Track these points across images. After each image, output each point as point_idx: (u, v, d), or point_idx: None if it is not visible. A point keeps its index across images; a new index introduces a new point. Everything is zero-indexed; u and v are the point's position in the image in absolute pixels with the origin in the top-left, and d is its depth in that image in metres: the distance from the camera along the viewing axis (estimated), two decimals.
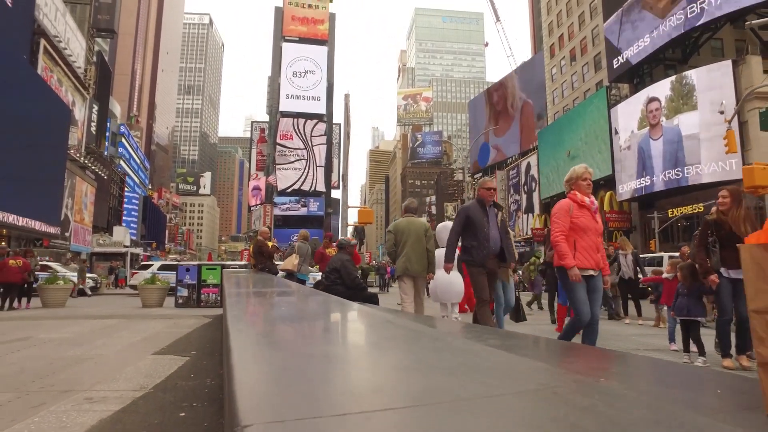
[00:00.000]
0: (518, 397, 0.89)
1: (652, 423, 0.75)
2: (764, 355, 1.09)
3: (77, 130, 37.35)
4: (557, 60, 51.80)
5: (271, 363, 1.23)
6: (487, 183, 5.40)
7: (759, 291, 1.07)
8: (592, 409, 0.80)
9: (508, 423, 0.77)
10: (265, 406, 0.79)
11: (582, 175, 4.13)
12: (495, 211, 5.29)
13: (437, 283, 9.08)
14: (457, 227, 5.21)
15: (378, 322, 2.37)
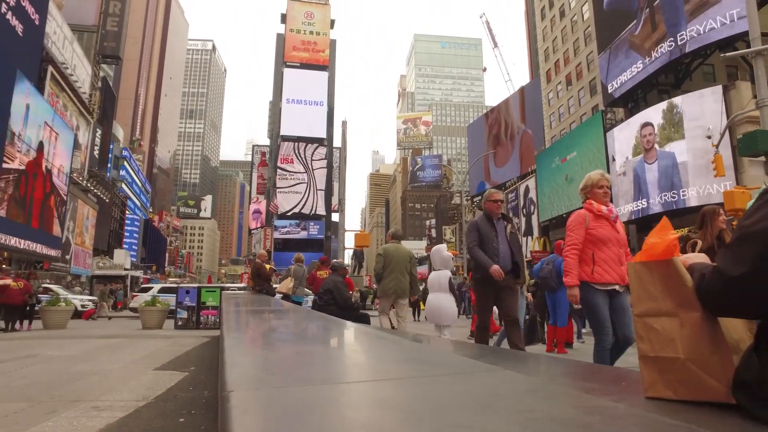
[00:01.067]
0: (439, 377, 1.24)
1: (532, 392, 0.99)
2: (643, 349, 1.32)
3: (80, 153, 37.89)
4: (554, 85, 52.73)
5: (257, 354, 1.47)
6: (494, 195, 5.20)
7: (639, 299, 1.34)
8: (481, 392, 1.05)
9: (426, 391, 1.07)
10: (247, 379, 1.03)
11: (598, 183, 3.85)
12: (504, 224, 5.11)
13: (431, 305, 9.30)
14: (474, 239, 4.98)
15: (355, 331, 2.65)
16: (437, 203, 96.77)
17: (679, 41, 27.04)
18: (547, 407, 0.89)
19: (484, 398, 0.96)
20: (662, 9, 28.58)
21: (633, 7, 31.86)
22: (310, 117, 55.07)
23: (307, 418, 0.81)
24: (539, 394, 1.01)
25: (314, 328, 2.92)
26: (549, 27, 54.79)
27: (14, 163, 21.33)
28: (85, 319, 17.00)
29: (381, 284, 6.95)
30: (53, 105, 29.11)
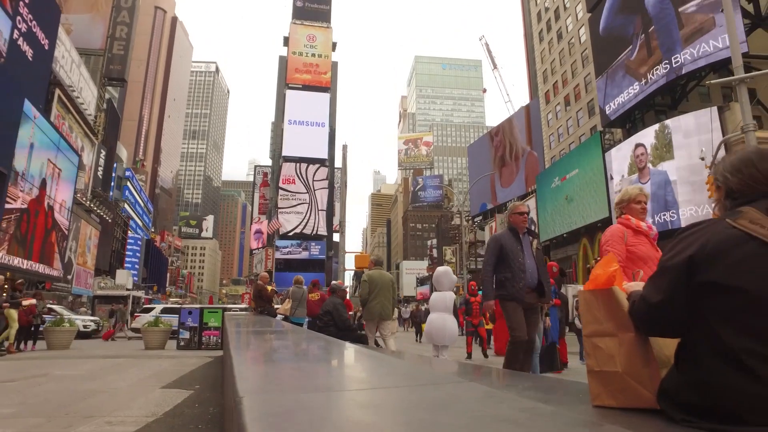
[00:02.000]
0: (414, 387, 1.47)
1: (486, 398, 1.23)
2: (590, 365, 1.56)
3: (85, 174, 38.35)
4: (552, 106, 53.41)
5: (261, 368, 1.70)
6: (519, 207, 4.93)
7: (587, 322, 1.59)
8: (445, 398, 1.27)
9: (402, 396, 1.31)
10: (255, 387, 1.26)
11: (636, 197, 3.61)
12: (530, 239, 4.84)
13: (434, 325, 9.53)
14: (490, 258, 4.73)
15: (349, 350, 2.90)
16: (438, 223, 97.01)
17: (674, 64, 27.60)
18: (491, 409, 1.12)
19: (446, 402, 1.20)
20: (657, 35, 29.22)
21: (628, 33, 32.55)
22: (311, 138, 55.69)
23: (306, 415, 1.02)
24: (491, 399, 1.24)
25: (313, 347, 3.15)
26: (547, 49, 55.73)
27: (17, 203, 21.20)
28: (105, 340, 17.15)
29: (367, 307, 7.37)
30: (59, 127, 29.57)
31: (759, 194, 1.40)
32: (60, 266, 29.02)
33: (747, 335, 1.22)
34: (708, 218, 1.50)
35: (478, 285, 5.19)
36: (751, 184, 1.43)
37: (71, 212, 30.51)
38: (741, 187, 1.45)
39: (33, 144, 22.18)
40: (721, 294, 1.28)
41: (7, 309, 10.82)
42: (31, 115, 21.36)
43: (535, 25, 60.13)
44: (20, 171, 21.24)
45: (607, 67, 34.93)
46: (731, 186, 1.49)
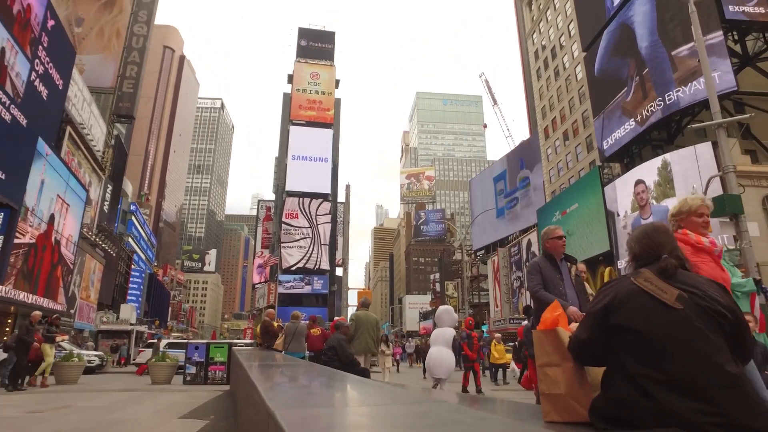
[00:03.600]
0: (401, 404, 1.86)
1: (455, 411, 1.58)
2: (542, 389, 2.01)
3: (91, 209, 38.92)
4: (552, 141, 54.31)
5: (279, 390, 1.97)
6: (556, 231, 4.62)
7: (539, 355, 2.06)
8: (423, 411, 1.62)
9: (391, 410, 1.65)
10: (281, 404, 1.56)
11: (697, 210, 3.23)
12: (568, 266, 4.54)
13: (433, 357, 9.72)
14: (537, 281, 4.34)
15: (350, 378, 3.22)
16: (441, 257, 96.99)
17: (667, 101, 28.34)
18: (454, 417, 1.43)
19: (423, 413, 1.56)
20: (651, 76, 30.10)
21: (623, 75, 33.49)
22: (314, 173, 56.52)
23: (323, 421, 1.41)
24: (457, 412, 1.54)
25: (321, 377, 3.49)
26: (545, 86, 57.08)
27: (25, 238, 21.55)
28: (139, 375, 17.22)
29: (353, 344, 8.20)
30: (69, 162, 30.29)
31: (653, 258, 1.92)
32: (64, 300, 29.18)
33: (641, 364, 1.68)
34: (621, 276, 2.02)
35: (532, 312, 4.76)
36: (648, 251, 1.97)
37: (77, 247, 30.88)
38: (641, 252, 1.99)
39: (44, 180, 22.74)
40: (625, 333, 1.76)
41: (42, 344, 10.99)
42: (43, 153, 21.99)
43: (532, 62, 61.76)
44: (30, 207, 21.73)
45: (603, 107, 35.79)
46: (635, 252, 2.02)
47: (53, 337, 11.49)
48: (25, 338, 10.50)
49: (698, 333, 1.66)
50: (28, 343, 10.56)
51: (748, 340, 1.83)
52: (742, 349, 1.78)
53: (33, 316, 11.14)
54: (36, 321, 11.09)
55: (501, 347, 16.33)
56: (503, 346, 16.75)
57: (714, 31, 26.24)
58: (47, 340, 11.17)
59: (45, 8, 22.03)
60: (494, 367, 16.64)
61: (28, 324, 10.84)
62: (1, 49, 18.13)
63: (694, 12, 12.83)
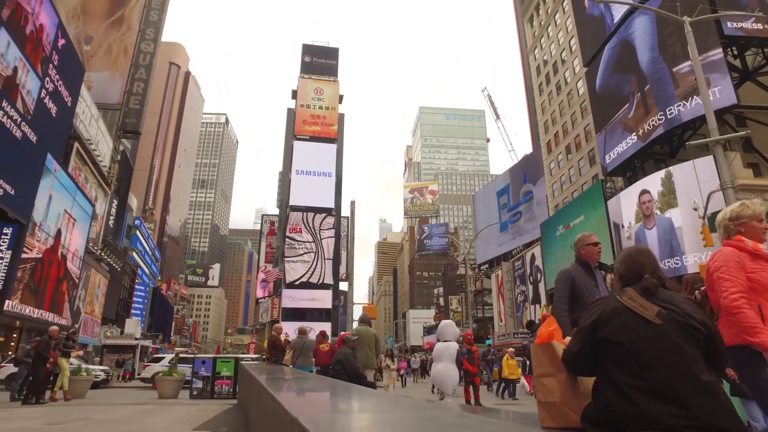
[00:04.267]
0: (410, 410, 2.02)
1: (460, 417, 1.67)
2: (538, 397, 2.19)
3: (96, 223, 39.20)
4: (554, 155, 54.52)
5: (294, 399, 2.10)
6: (592, 237, 4.39)
7: (536, 366, 2.26)
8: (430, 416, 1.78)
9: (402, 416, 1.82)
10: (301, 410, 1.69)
11: (758, 215, 3.07)
12: (603, 274, 4.31)
13: (438, 373, 9.81)
14: (564, 293, 4.15)
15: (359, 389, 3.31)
16: (444, 272, 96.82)
17: (668, 115, 28.56)
18: (459, 421, 1.56)
19: (430, 418, 1.70)
20: (653, 93, 30.37)
21: (624, 91, 33.78)
22: (318, 188, 56.79)
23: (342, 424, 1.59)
24: (461, 417, 1.67)
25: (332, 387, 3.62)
26: (547, 101, 57.47)
27: (32, 253, 21.73)
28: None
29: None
30: (75, 178, 30.64)
31: (636, 278, 2.14)
32: (69, 315, 29.27)
33: (625, 372, 1.90)
34: (609, 294, 2.33)
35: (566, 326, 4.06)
36: (631, 271, 2.19)
37: (82, 261, 31.06)
38: (626, 273, 2.21)
39: (51, 195, 23.02)
40: (611, 346, 1.98)
41: (59, 359, 11.08)
42: (52, 168, 22.30)
43: (534, 77, 62.27)
44: (38, 222, 21.97)
45: (605, 123, 36.04)
46: (621, 272, 2.24)
47: (69, 352, 11.58)
48: (44, 353, 10.59)
49: (676, 346, 1.90)
50: (46, 358, 10.65)
51: (722, 352, 2.04)
52: (716, 360, 2.01)
53: (52, 331, 11.26)
54: (56, 336, 11.20)
55: (513, 362, 15.76)
56: (516, 361, 16.28)
57: (714, 49, 26.57)
58: (63, 355, 11.27)
59: (56, 28, 22.51)
60: (505, 382, 15.94)
61: (47, 339, 10.94)
62: (13, 68, 18.52)
63: (690, 33, 13.06)
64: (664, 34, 30.04)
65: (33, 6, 19.95)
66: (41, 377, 10.72)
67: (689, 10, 27.29)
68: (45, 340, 10.78)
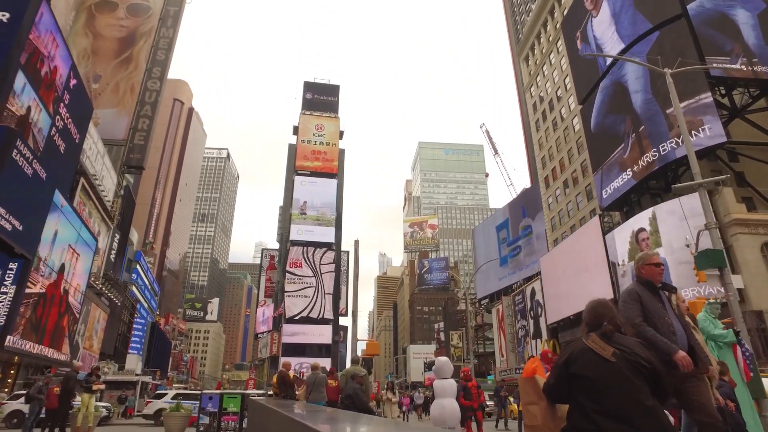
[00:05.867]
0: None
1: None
2: (525, 422, 2.75)
3: (98, 257, 39.37)
4: (552, 190, 55.23)
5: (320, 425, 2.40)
6: (653, 258, 4.21)
7: (522, 396, 2.88)
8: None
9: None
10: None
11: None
12: (666, 295, 4.11)
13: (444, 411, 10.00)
14: (637, 314, 3.89)
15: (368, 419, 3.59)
16: (445, 306, 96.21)
17: (662, 152, 29.26)
18: None
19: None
20: (647, 133, 31.25)
21: (619, 131, 34.68)
22: (319, 222, 57.25)
23: None
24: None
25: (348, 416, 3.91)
26: (544, 137, 58.61)
27: (36, 287, 21.76)
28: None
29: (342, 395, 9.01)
30: (80, 212, 31.03)
31: (598, 325, 2.79)
32: (68, 350, 29.11)
33: (589, 399, 2.50)
34: (577, 338, 2.89)
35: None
36: (594, 320, 2.84)
37: (84, 296, 31.08)
38: (590, 321, 2.87)
39: (57, 231, 23.35)
40: (579, 379, 2.59)
41: (81, 394, 11.18)
42: (59, 204, 22.73)
43: (531, 114, 63.68)
44: (43, 257, 22.21)
45: (601, 162, 36.84)
46: (587, 321, 2.91)
47: (91, 387, 11.68)
48: (72, 389, 10.74)
49: (627, 378, 2.50)
50: (72, 393, 10.81)
51: (665, 383, 2.64)
52: (660, 389, 2.62)
53: (77, 366, 11.43)
54: (78, 371, 11.36)
55: None
56: None
57: (703, 92, 27.58)
58: (86, 390, 11.38)
59: (69, 69, 23.37)
60: None
61: (74, 374, 11.12)
62: (27, 107, 19.20)
63: (671, 83, 13.74)
64: (655, 75, 31.10)
65: (50, 49, 20.82)
66: (68, 413, 10.82)
67: (677, 54, 28.52)
68: (73, 376, 10.94)
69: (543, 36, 59.97)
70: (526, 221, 58.03)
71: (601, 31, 38.20)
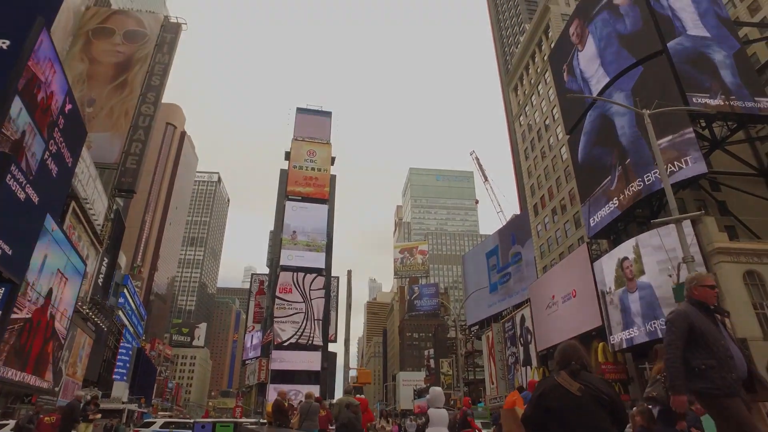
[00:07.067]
0: None
1: None
2: None
3: (86, 282, 38.94)
4: (541, 218, 55.90)
5: None
6: (707, 280, 4.07)
7: (504, 425, 3.73)
8: None
9: None
10: None
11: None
12: (719, 318, 3.97)
13: None
14: (678, 338, 3.75)
15: None
16: (435, 332, 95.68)
17: (646, 182, 29.99)
18: None
19: None
20: (633, 165, 32.11)
21: (606, 163, 35.52)
22: (309, 248, 57.27)
23: None
24: None
25: None
26: (533, 165, 59.59)
27: (22, 313, 21.44)
28: None
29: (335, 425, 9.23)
30: (70, 236, 30.85)
31: (566, 364, 3.27)
32: (51, 377, 28.50)
33: (561, 428, 3.04)
34: (549, 375, 3.40)
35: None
36: (563, 360, 3.33)
37: (70, 321, 30.60)
38: (560, 360, 3.35)
39: (47, 255, 23.25)
40: (551, 411, 3.08)
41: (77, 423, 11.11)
42: (50, 229, 22.70)
43: (520, 143, 64.83)
44: (31, 281, 22.01)
45: (589, 193, 37.61)
46: (557, 360, 3.39)
47: (87, 415, 11.60)
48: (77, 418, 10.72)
49: (590, 410, 3.01)
50: (77, 422, 10.78)
51: (623, 415, 3.15)
52: (618, 420, 3.13)
53: (78, 396, 11.43)
54: (80, 400, 11.34)
55: None
56: None
57: (686, 127, 28.63)
58: (84, 419, 11.32)
59: (65, 94, 23.66)
60: None
61: (77, 404, 11.10)
62: (22, 132, 19.38)
63: (650, 123, 14.37)
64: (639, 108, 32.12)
65: (47, 75, 21.14)
66: None
67: (660, 88, 29.56)
68: (76, 405, 10.93)
69: (531, 67, 61.58)
70: (516, 248, 58.45)
71: (587, 65, 39.45)
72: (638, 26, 34.90)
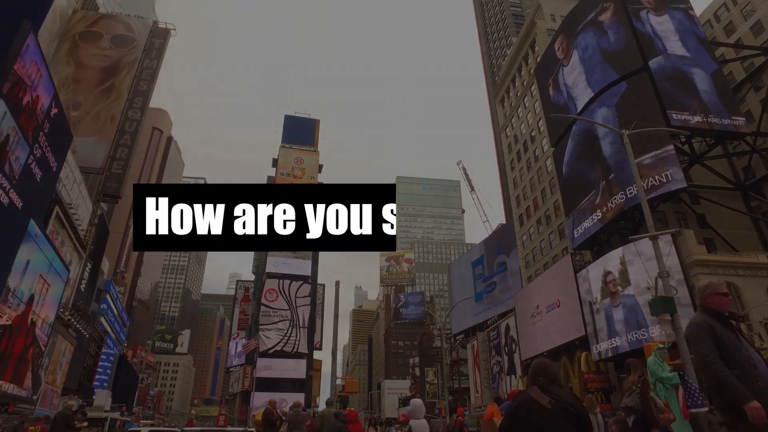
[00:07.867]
0: None
1: None
2: None
3: (68, 288, 38.38)
4: (526, 228, 56.46)
5: None
6: (720, 288, 3.98)
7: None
8: None
9: None
10: None
11: None
12: (735, 324, 3.87)
13: None
14: (712, 349, 3.63)
15: None
16: (420, 341, 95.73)
17: (628, 195, 30.58)
18: None
19: None
20: (616, 180, 32.75)
21: (590, 178, 36.18)
22: (295, 255, 57.10)
23: None
24: None
25: None
26: (518, 176, 60.25)
27: (2, 320, 20.88)
28: None
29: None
30: (53, 241, 30.45)
31: (536, 380, 3.55)
32: (30, 385, 27.96)
33: None
34: (524, 389, 3.72)
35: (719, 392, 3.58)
36: (535, 376, 3.61)
37: (51, 327, 30.09)
38: (532, 376, 3.64)
39: (29, 261, 22.95)
40: (523, 422, 3.38)
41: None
42: (33, 234, 22.45)
43: (507, 154, 65.55)
44: (12, 287, 21.67)
45: (573, 206, 38.24)
46: (530, 376, 3.69)
47: (75, 424, 11.53)
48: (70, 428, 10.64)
49: (559, 422, 3.29)
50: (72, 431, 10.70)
51: (587, 425, 3.38)
52: (583, 429, 3.35)
53: (70, 405, 11.37)
54: (71, 408, 11.28)
55: None
56: None
57: (667, 144, 29.33)
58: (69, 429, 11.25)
59: (51, 98, 23.50)
60: None
61: (68, 413, 11.03)
62: (6, 136, 19.22)
63: (629, 143, 14.84)
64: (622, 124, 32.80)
65: (33, 79, 21.02)
66: None
67: (643, 104, 30.26)
68: (69, 414, 10.87)
69: (518, 80, 62.45)
70: (501, 258, 58.97)
71: (572, 79, 40.20)
72: (622, 44, 35.74)
